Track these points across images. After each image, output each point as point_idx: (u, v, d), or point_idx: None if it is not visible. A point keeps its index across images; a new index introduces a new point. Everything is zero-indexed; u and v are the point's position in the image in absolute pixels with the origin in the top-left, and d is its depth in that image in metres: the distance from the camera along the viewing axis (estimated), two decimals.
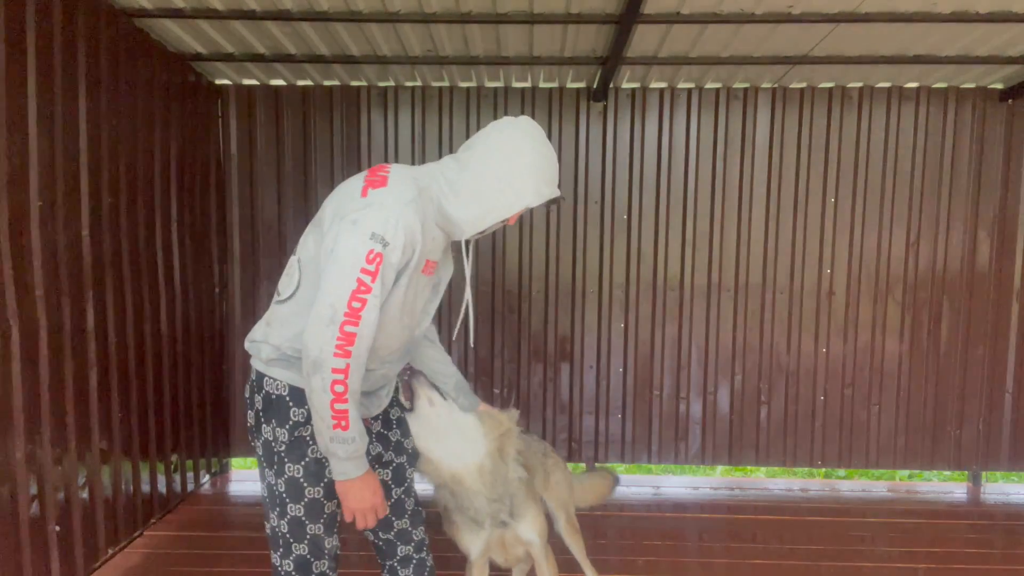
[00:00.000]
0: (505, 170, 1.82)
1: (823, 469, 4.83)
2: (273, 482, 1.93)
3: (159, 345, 3.74)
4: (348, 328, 1.67)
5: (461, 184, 1.84)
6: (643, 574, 3.33)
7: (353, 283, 1.67)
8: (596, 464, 4.66)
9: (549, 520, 2.70)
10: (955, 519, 4.10)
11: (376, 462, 2.08)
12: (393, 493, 2.13)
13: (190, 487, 4.19)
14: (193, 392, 4.14)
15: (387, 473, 2.12)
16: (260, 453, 1.95)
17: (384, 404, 2.09)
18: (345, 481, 1.81)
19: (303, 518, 1.93)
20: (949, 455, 4.59)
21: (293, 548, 1.96)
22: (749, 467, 4.97)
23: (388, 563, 2.20)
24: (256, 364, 1.94)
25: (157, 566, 3.36)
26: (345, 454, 1.75)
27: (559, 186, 2.02)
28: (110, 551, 3.34)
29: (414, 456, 2.19)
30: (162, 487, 3.83)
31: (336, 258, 1.70)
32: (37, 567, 2.80)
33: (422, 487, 2.27)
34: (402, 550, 2.17)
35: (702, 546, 3.69)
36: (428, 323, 2.07)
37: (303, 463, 1.89)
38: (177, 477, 4.01)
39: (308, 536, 1.95)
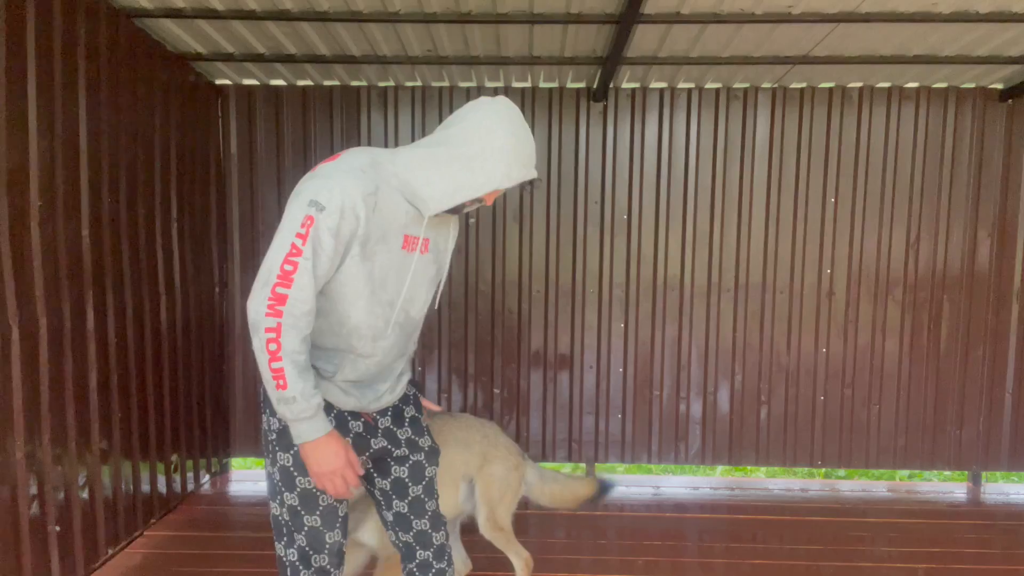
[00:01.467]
0: (477, 150, 1.79)
1: (823, 469, 4.83)
2: (271, 471, 1.99)
3: (159, 345, 3.74)
4: (279, 290, 1.72)
5: (432, 160, 1.83)
6: (643, 574, 3.32)
7: (287, 247, 1.72)
8: (596, 464, 4.67)
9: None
10: (955, 519, 4.10)
11: (387, 456, 2.08)
12: (411, 491, 2.12)
13: (190, 487, 4.19)
14: (193, 392, 4.15)
15: (403, 470, 2.11)
16: (263, 442, 2.02)
17: (385, 401, 2.06)
18: (304, 445, 1.82)
19: (299, 508, 1.97)
20: (949, 455, 4.59)
21: (295, 538, 1.99)
22: (749, 467, 4.97)
23: (408, 566, 2.18)
24: None
25: (157, 566, 3.36)
26: (292, 415, 1.78)
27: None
28: (110, 551, 3.34)
29: (433, 454, 2.17)
30: (162, 487, 3.83)
31: (280, 228, 1.77)
32: (37, 567, 2.80)
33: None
34: (421, 555, 2.14)
35: (702, 546, 3.69)
36: (424, 306, 2.04)
37: (291, 452, 1.93)
38: (177, 477, 4.01)
39: (306, 527, 1.98)
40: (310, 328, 1.80)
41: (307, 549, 1.99)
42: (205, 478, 4.41)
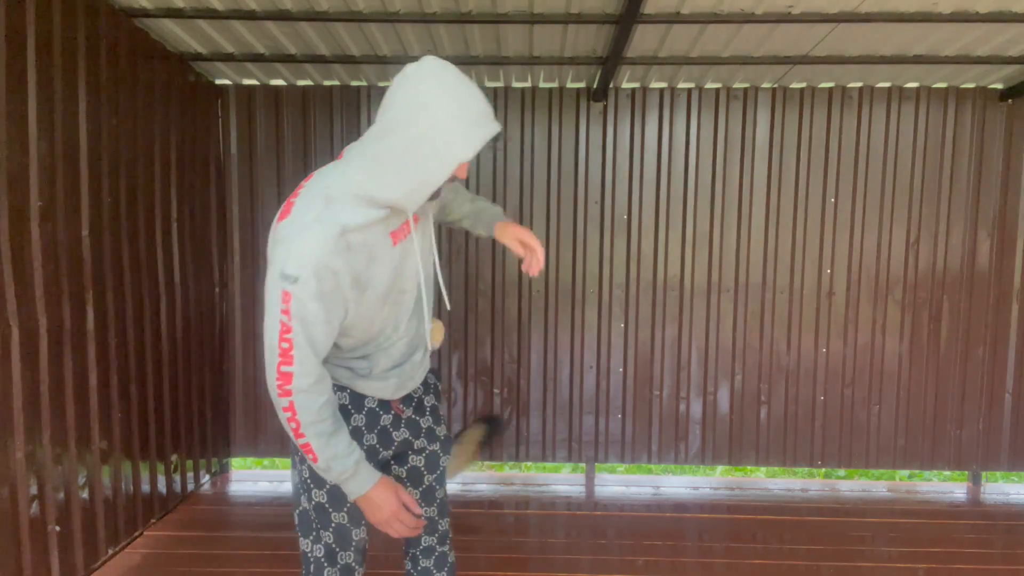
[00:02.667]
0: (423, 130, 1.58)
1: (823, 469, 4.83)
2: (300, 468, 1.99)
3: (159, 345, 3.74)
4: (284, 368, 1.69)
5: (382, 162, 1.64)
6: (643, 574, 3.33)
7: (278, 325, 1.66)
8: (596, 464, 4.66)
9: None
10: (955, 519, 4.10)
11: (408, 448, 2.09)
12: (425, 480, 2.14)
13: (190, 487, 4.19)
14: (193, 392, 4.15)
15: (420, 459, 2.13)
16: (291, 443, 2.01)
17: (419, 376, 2.05)
18: (357, 499, 1.84)
19: (327, 505, 1.97)
20: (949, 455, 4.59)
21: (322, 535, 2.00)
22: (749, 467, 4.97)
23: (412, 551, 2.21)
24: None
25: (157, 566, 3.36)
26: (335, 479, 1.80)
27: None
28: (110, 551, 3.34)
29: (447, 443, 2.19)
30: (162, 487, 3.83)
31: (265, 302, 1.70)
32: (37, 567, 2.80)
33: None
34: (426, 540, 2.18)
35: (702, 546, 3.69)
36: (432, 279, 2.00)
37: None
38: (177, 477, 4.01)
39: (333, 524, 1.98)
40: (329, 391, 1.77)
41: (333, 546, 2.00)
42: (205, 478, 4.41)
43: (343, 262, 1.66)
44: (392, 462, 2.16)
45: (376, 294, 1.79)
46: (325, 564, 2.01)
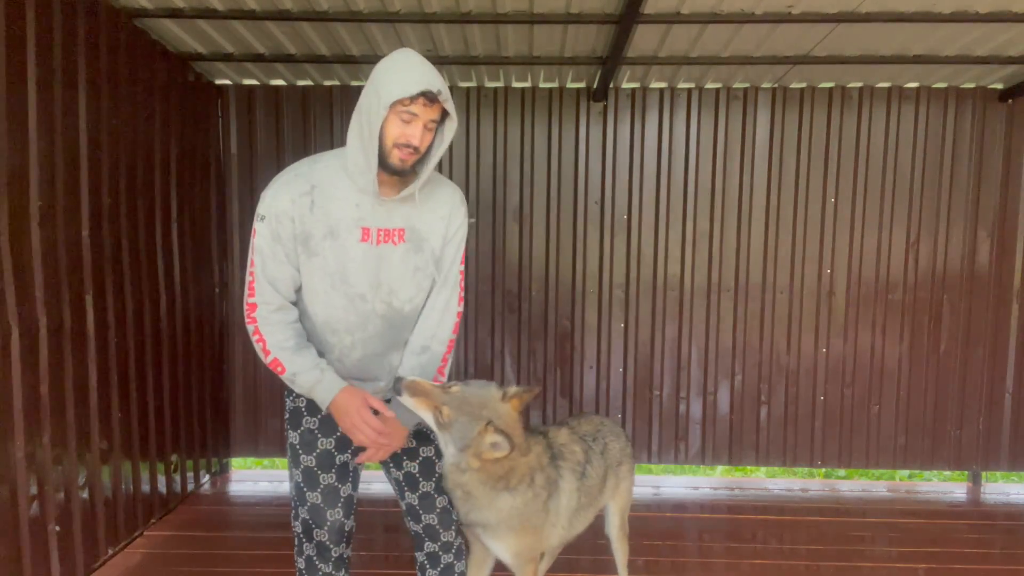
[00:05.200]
0: (362, 96, 1.84)
1: (823, 469, 4.83)
2: (287, 447, 2.13)
3: (159, 345, 3.74)
4: (248, 300, 1.94)
5: (349, 137, 1.90)
6: (643, 574, 3.32)
7: (249, 261, 1.94)
8: None
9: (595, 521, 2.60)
10: (955, 519, 4.10)
11: (398, 450, 2.12)
12: (421, 486, 2.16)
13: (190, 487, 4.19)
14: (193, 392, 4.14)
15: (415, 465, 2.16)
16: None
17: (384, 395, 2.11)
18: (327, 407, 1.96)
19: (303, 484, 2.08)
20: (949, 455, 4.59)
21: (299, 511, 2.10)
22: (749, 467, 4.97)
23: (420, 557, 2.25)
24: None
25: (157, 566, 3.36)
26: (303, 388, 1.96)
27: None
28: (110, 551, 3.34)
29: None
30: (162, 487, 3.83)
31: None
32: (37, 567, 2.80)
33: None
34: (429, 546, 2.21)
35: (702, 546, 3.69)
36: (414, 298, 2.02)
37: (299, 431, 2.09)
38: (177, 477, 4.01)
39: (308, 503, 2.08)
40: (291, 318, 1.97)
41: (310, 523, 2.09)
42: (205, 478, 4.41)
43: (299, 215, 1.88)
44: (390, 465, 2.18)
45: (323, 267, 1.92)
46: (304, 540, 2.11)
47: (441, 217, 2.03)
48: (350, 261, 1.92)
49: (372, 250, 1.93)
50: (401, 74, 1.78)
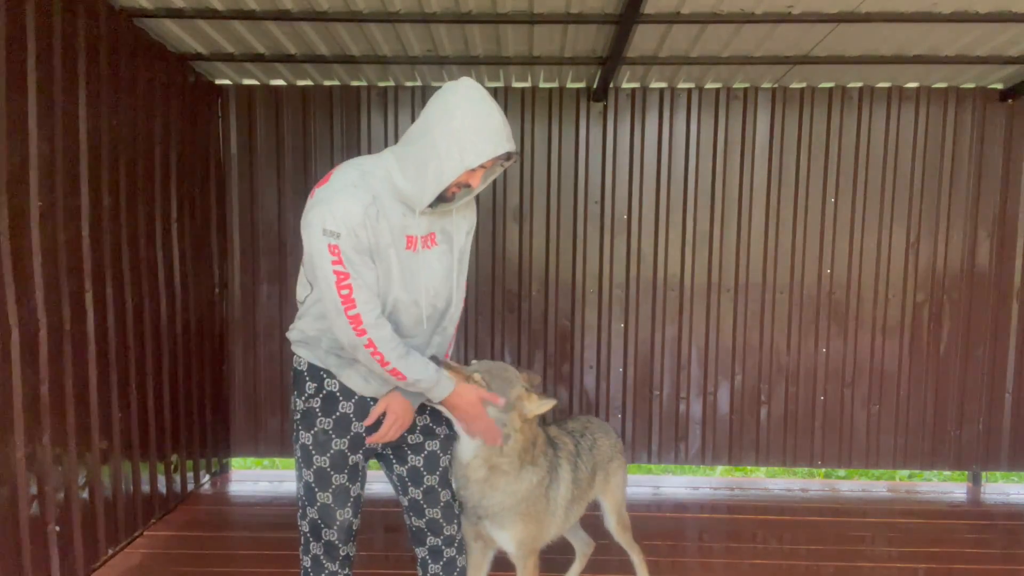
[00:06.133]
0: (438, 136, 1.84)
1: (823, 469, 4.83)
2: (295, 447, 2.12)
3: (159, 345, 3.74)
4: (351, 312, 1.88)
5: (406, 157, 1.91)
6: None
7: (332, 276, 1.86)
8: None
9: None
10: (955, 519, 4.10)
11: (403, 443, 2.18)
12: (425, 480, 2.19)
13: (190, 487, 4.19)
14: (193, 392, 4.14)
15: (419, 459, 2.19)
16: (292, 421, 2.17)
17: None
18: (446, 400, 2.05)
19: (313, 484, 2.09)
20: (949, 455, 4.59)
21: (308, 512, 2.11)
22: (749, 467, 4.97)
23: (421, 553, 2.27)
24: (292, 347, 2.16)
25: (157, 566, 3.36)
26: (423, 388, 2.00)
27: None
28: (110, 551, 3.34)
29: (448, 442, 2.23)
30: (162, 487, 3.83)
31: (312, 263, 1.91)
32: (37, 567, 2.80)
33: None
34: (431, 541, 2.24)
35: (702, 546, 3.69)
36: (450, 296, 2.13)
37: (312, 432, 2.07)
38: (177, 477, 4.01)
39: (319, 503, 2.09)
40: (388, 323, 1.96)
41: (319, 522, 2.10)
42: (205, 478, 4.41)
43: (370, 223, 1.88)
44: (393, 460, 2.20)
45: (386, 275, 1.95)
46: (311, 539, 2.12)
47: (465, 216, 2.13)
48: (404, 269, 1.98)
49: (414, 258, 2.00)
50: (486, 135, 1.83)
